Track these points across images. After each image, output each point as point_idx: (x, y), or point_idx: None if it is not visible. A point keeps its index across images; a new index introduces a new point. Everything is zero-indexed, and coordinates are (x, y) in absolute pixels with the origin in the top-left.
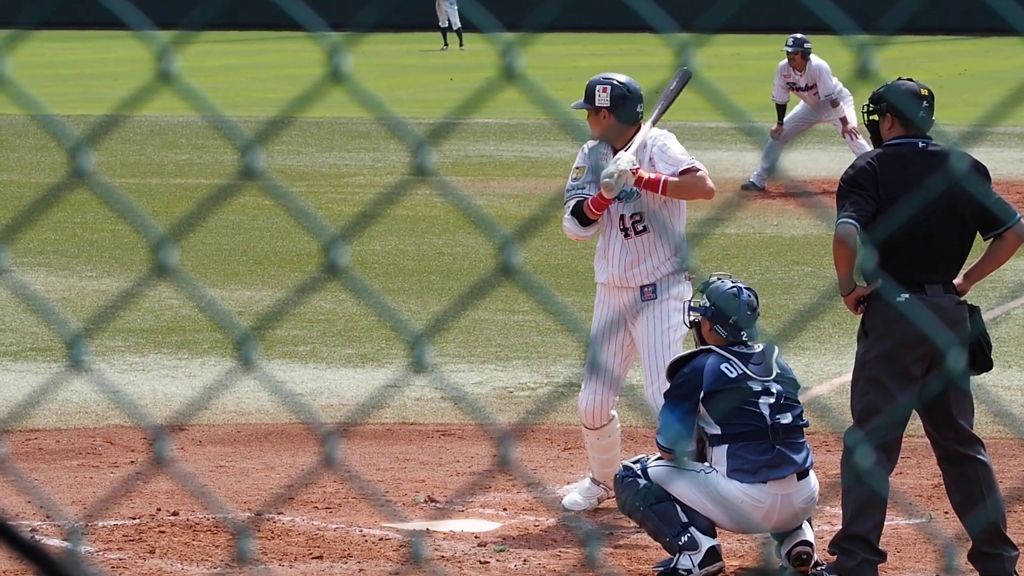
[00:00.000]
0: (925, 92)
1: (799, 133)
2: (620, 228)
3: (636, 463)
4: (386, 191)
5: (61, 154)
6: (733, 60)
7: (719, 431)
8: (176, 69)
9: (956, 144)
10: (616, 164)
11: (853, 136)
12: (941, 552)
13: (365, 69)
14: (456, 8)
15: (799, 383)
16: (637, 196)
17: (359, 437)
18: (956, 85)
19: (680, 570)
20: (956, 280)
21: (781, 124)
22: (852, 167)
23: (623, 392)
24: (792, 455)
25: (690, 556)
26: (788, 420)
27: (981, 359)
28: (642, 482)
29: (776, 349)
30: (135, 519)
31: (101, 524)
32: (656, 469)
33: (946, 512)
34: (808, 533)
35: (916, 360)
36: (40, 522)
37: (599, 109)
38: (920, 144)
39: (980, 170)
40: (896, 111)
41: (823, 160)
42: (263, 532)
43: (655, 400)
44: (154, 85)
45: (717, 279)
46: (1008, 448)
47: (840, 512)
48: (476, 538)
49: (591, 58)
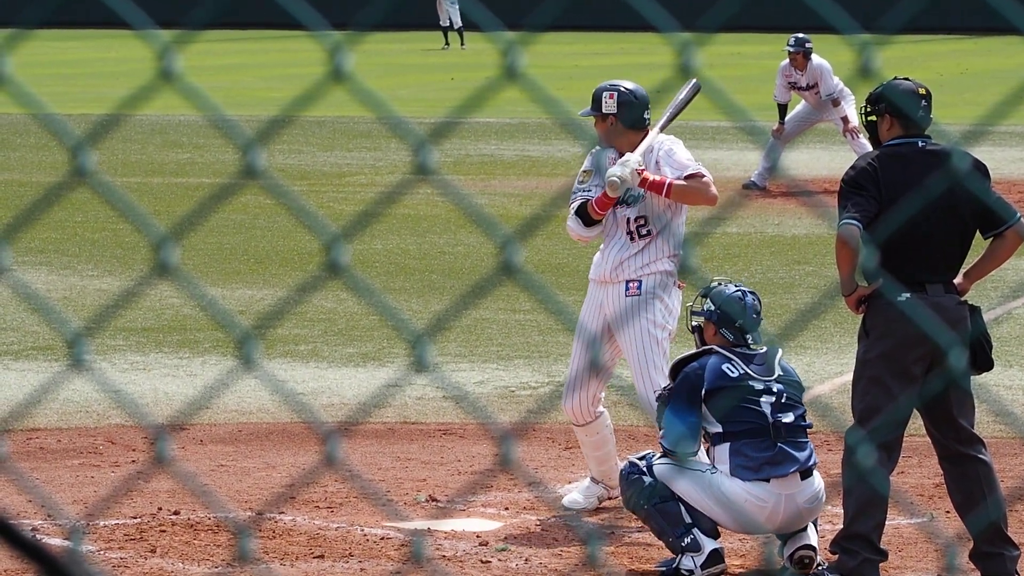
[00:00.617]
0: (923, 91)
1: (800, 132)
2: (625, 231)
3: (642, 459)
4: (387, 190)
5: (62, 153)
6: (734, 59)
7: (720, 429)
8: (177, 68)
9: (957, 143)
10: (622, 165)
11: (854, 135)
12: (943, 551)
13: (367, 68)
14: (457, 7)
15: (803, 386)
16: (642, 200)
17: (360, 436)
18: (957, 84)
19: (682, 570)
20: (956, 279)
21: (782, 123)
22: (853, 168)
23: (623, 392)
24: (794, 453)
25: (692, 557)
26: (790, 419)
27: (982, 359)
28: (647, 480)
29: (779, 351)
30: (136, 518)
31: (102, 523)
32: (661, 467)
33: (947, 511)
34: (812, 536)
35: (917, 359)
36: (41, 521)
37: (606, 115)
38: (920, 144)
39: (980, 169)
40: (895, 111)
41: (824, 159)
42: (264, 531)
43: (647, 398)
44: (155, 84)
45: (719, 284)
46: (1010, 447)
47: (841, 512)
48: (477, 537)
49: (592, 57)
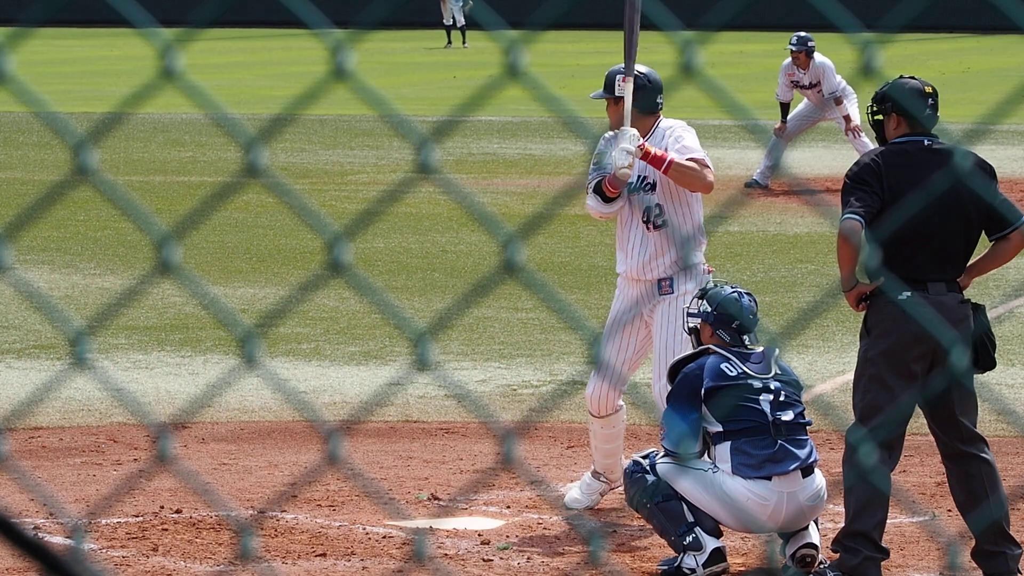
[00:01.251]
0: (929, 89)
1: (802, 131)
2: (642, 220)
3: (646, 458)
4: (390, 189)
5: (64, 151)
6: (737, 58)
7: (721, 428)
8: (180, 66)
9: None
10: (623, 143)
11: (856, 134)
12: (944, 550)
13: (369, 67)
14: (461, 5)
15: (801, 385)
16: (655, 188)
17: (362, 435)
18: (960, 83)
19: (684, 569)
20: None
21: (785, 122)
22: (856, 164)
23: (627, 390)
24: (795, 450)
25: (694, 556)
26: (789, 417)
27: (984, 357)
28: (650, 478)
29: (777, 350)
30: (138, 517)
31: (104, 522)
32: (664, 466)
33: (949, 510)
34: (814, 535)
35: (918, 358)
36: (43, 520)
37: (619, 99)
38: (925, 142)
39: (986, 169)
40: (901, 110)
41: (826, 158)
42: (266, 530)
43: (661, 397)
44: (157, 82)
45: (716, 285)
46: (1011, 446)
47: (842, 510)
48: (479, 536)
49: (595, 56)
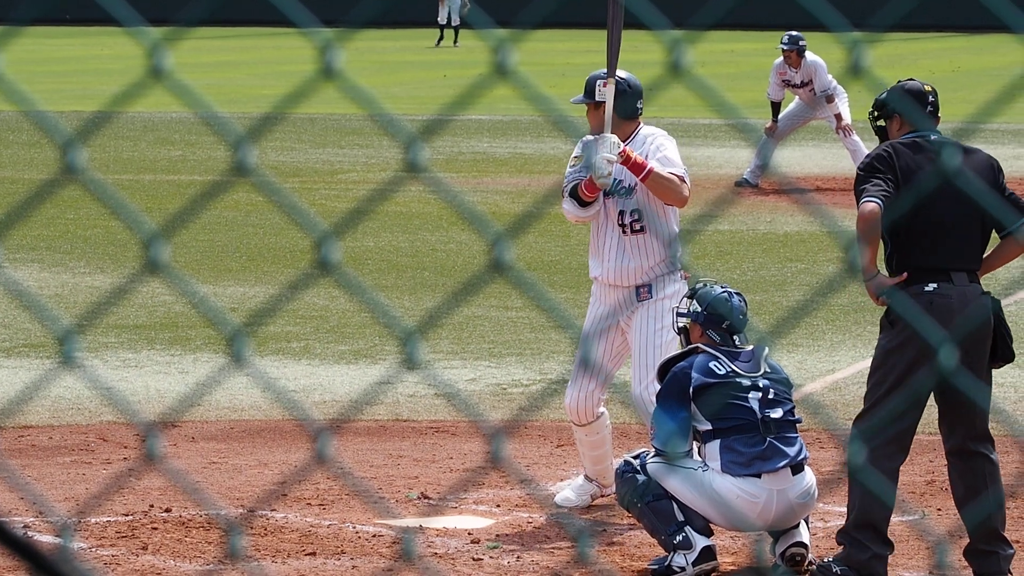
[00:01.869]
0: (929, 89)
1: (793, 130)
2: (618, 224)
3: (636, 458)
4: (379, 187)
5: (53, 150)
6: (727, 57)
7: (710, 426)
8: (168, 65)
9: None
10: (603, 148)
11: (847, 133)
12: (933, 549)
13: (359, 66)
14: (459, 6)
15: (791, 383)
16: (634, 193)
17: (352, 434)
18: (949, 82)
19: (674, 567)
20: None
21: (775, 121)
22: (868, 156)
23: (616, 390)
24: (784, 448)
25: (684, 555)
26: (779, 415)
27: (1003, 349)
28: (641, 478)
29: (766, 349)
30: (128, 515)
31: (94, 520)
32: (654, 465)
33: (939, 509)
34: (804, 534)
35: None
36: (32, 518)
37: (599, 104)
38: (932, 136)
39: (994, 166)
40: (904, 112)
41: (816, 157)
42: (256, 529)
43: (642, 398)
44: (147, 81)
45: (705, 285)
46: (1001, 445)
47: (833, 509)
48: (469, 535)
49: (585, 55)
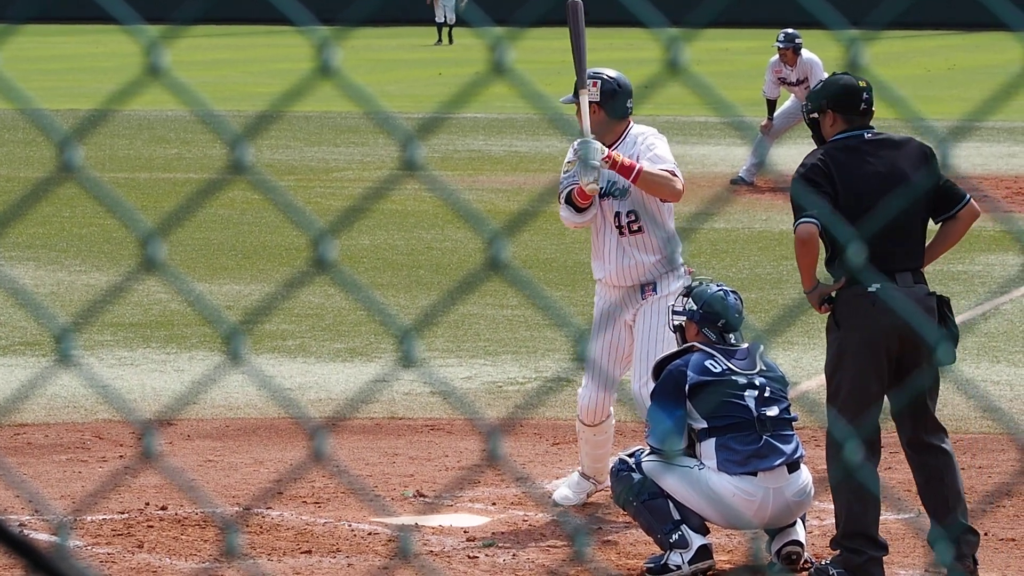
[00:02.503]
0: (863, 83)
1: (789, 128)
2: (615, 225)
3: (631, 456)
4: (375, 185)
5: (50, 148)
6: (723, 55)
7: (706, 424)
8: (165, 63)
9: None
10: (586, 155)
11: None
12: (929, 547)
13: (355, 64)
14: (455, 3)
15: (787, 381)
16: (629, 194)
17: (348, 432)
18: (945, 80)
19: (671, 566)
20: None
21: (771, 119)
22: (803, 165)
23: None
24: (780, 446)
25: (680, 554)
26: (775, 412)
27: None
28: (636, 476)
29: (761, 347)
30: (123, 514)
31: (89, 519)
32: (650, 463)
33: None
34: (799, 533)
35: (888, 349)
36: (28, 516)
37: (589, 103)
38: (866, 135)
39: (931, 154)
40: (836, 107)
41: None
42: (252, 527)
43: (641, 395)
44: (143, 79)
45: (701, 283)
46: (996, 443)
47: (829, 507)
48: (465, 533)
49: None
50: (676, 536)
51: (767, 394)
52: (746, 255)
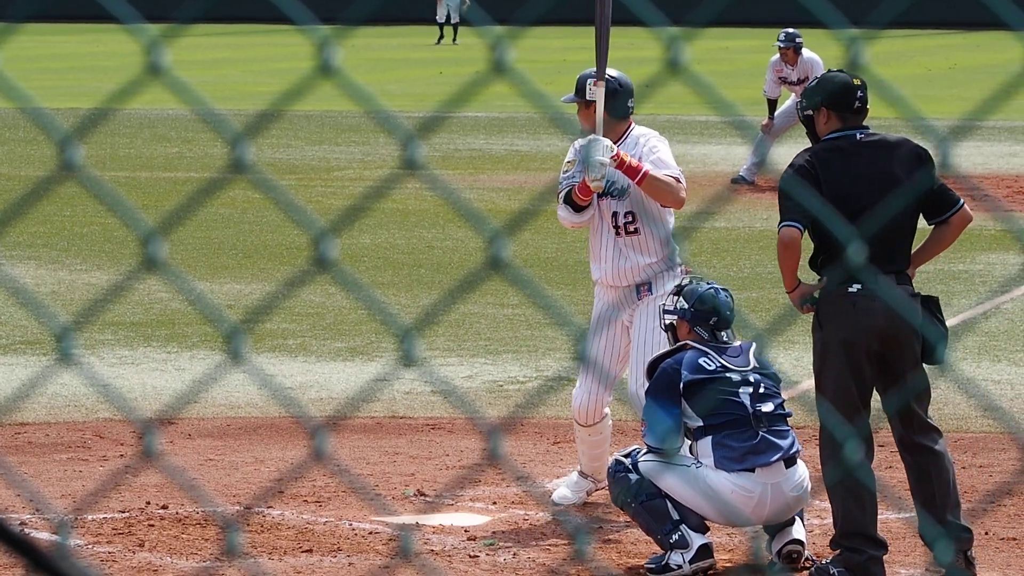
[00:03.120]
0: (858, 82)
1: (789, 127)
2: (612, 226)
3: (627, 457)
4: (376, 184)
5: (50, 147)
6: (723, 54)
7: (702, 423)
8: (166, 62)
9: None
10: (596, 151)
11: None
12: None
13: (355, 63)
14: (459, 3)
15: (780, 378)
16: (628, 194)
17: (348, 431)
18: (946, 79)
19: (672, 566)
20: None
21: (772, 118)
22: (791, 167)
23: (614, 387)
24: (777, 441)
25: (681, 553)
26: (769, 408)
27: (929, 351)
28: (633, 477)
29: (754, 344)
30: (124, 512)
31: (90, 517)
32: (647, 464)
33: None
34: (799, 531)
35: (871, 347)
36: (29, 515)
37: (590, 103)
38: (858, 135)
39: (923, 156)
40: (831, 104)
41: None
42: (252, 526)
43: (639, 395)
44: (143, 78)
45: (692, 281)
46: (997, 442)
47: (828, 505)
48: (465, 532)
49: (581, 52)
50: (676, 536)
51: (761, 390)
52: (747, 254)
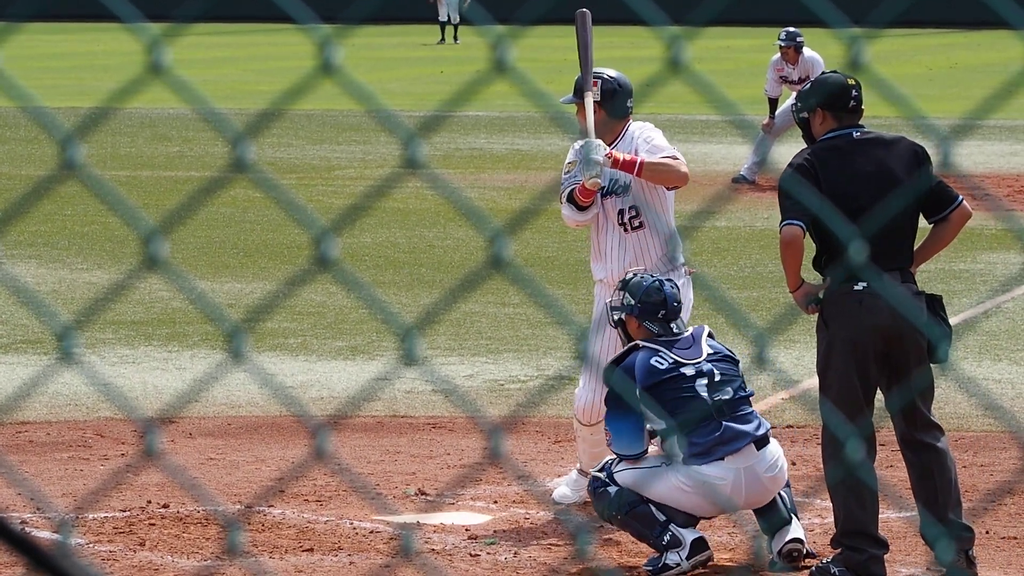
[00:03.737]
0: (852, 82)
1: (790, 126)
2: (618, 223)
3: (602, 471)
4: (377, 184)
5: (51, 146)
6: (724, 53)
7: (664, 424)
8: (167, 61)
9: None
10: (588, 153)
11: None
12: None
13: (357, 62)
14: (459, 3)
15: (736, 359)
16: (630, 190)
17: (349, 430)
18: (947, 78)
19: (669, 565)
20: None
21: (773, 118)
22: (790, 166)
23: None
24: (742, 427)
25: (677, 552)
26: (729, 395)
27: (932, 350)
28: (612, 490)
29: (706, 329)
30: (125, 511)
31: (91, 516)
32: (621, 473)
33: None
34: (798, 530)
35: (875, 346)
36: (30, 514)
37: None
38: (855, 134)
39: (921, 153)
40: (825, 105)
41: None
42: (253, 525)
43: None
44: (144, 77)
45: (635, 275)
46: (998, 441)
47: (828, 505)
48: (466, 531)
49: None
50: (668, 537)
51: (717, 379)
52: (748, 253)
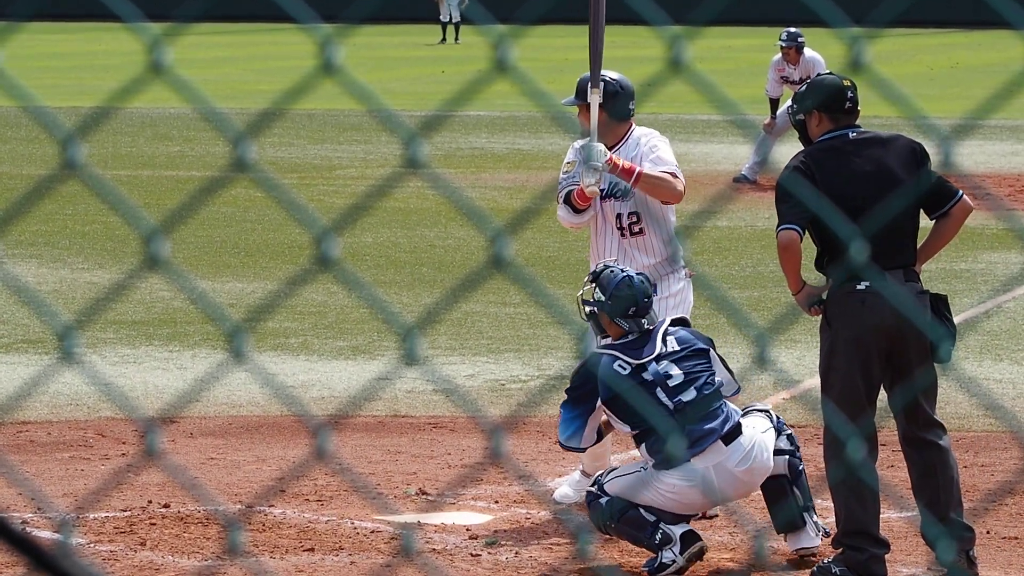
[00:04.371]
0: (848, 83)
1: (791, 127)
2: (616, 227)
3: (594, 485)
4: (378, 183)
5: (52, 146)
6: (725, 53)
7: (632, 430)
8: (167, 61)
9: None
10: (589, 158)
11: None
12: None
13: (358, 61)
14: (459, 2)
15: (703, 345)
16: (632, 195)
17: (350, 429)
18: (948, 78)
19: (665, 562)
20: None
21: (774, 118)
22: (787, 168)
23: None
24: (708, 425)
25: (670, 549)
26: (692, 396)
27: (935, 349)
28: (604, 500)
29: (665, 323)
30: (126, 511)
31: (92, 516)
32: (611, 483)
33: None
34: (810, 538)
35: (878, 346)
36: (31, 514)
37: (590, 105)
38: (851, 134)
39: (920, 151)
40: (821, 107)
41: None
42: (254, 525)
43: None
44: (145, 77)
45: (607, 268)
46: (999, 441)
47: (831, 505)
48: (467, 531)
49: (583, 51)
50: (659, 536)
51: (678, 381)
52: (748, 253)
